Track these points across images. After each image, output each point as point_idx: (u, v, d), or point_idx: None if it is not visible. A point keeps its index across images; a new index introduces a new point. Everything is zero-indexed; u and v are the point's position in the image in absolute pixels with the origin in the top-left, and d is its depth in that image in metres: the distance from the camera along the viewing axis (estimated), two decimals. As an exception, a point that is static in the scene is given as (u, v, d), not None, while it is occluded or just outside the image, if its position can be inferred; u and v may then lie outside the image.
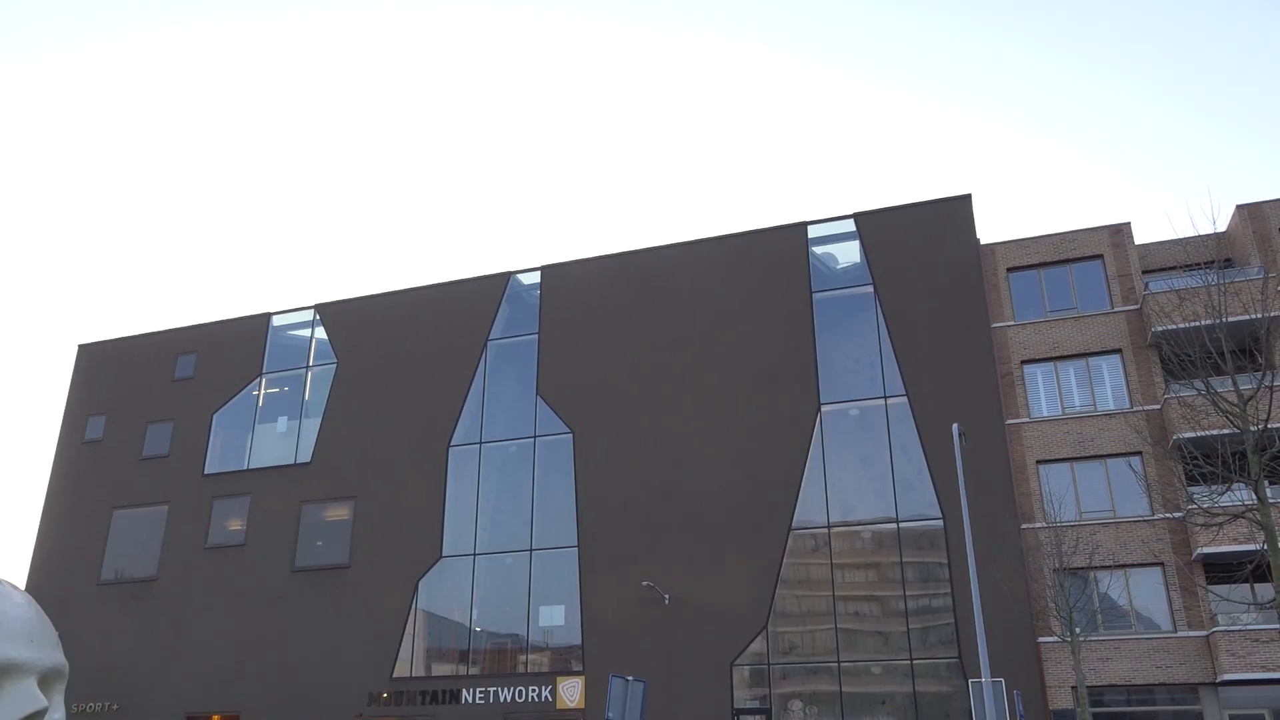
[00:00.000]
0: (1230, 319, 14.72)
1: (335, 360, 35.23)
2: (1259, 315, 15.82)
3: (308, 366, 35.65)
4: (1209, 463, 13.60)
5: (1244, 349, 18.55)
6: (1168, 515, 24.96)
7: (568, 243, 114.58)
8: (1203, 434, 22.17)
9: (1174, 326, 23.71)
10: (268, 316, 36.97)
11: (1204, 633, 23.95)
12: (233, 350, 36.83)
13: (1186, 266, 22.66)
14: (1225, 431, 18.19)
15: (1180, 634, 24.17)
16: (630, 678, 13.39)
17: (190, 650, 32.45)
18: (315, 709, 30.26)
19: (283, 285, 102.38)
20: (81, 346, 39.44)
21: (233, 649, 31.96)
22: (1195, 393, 16.60)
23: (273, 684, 30.98)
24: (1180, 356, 14.34)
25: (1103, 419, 26.55)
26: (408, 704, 29.46)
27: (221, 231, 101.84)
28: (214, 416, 35.97)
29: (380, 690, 29.88)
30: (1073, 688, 23.84)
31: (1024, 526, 25.81)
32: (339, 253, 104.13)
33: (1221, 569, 23.85)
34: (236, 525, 33.95)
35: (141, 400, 37.35)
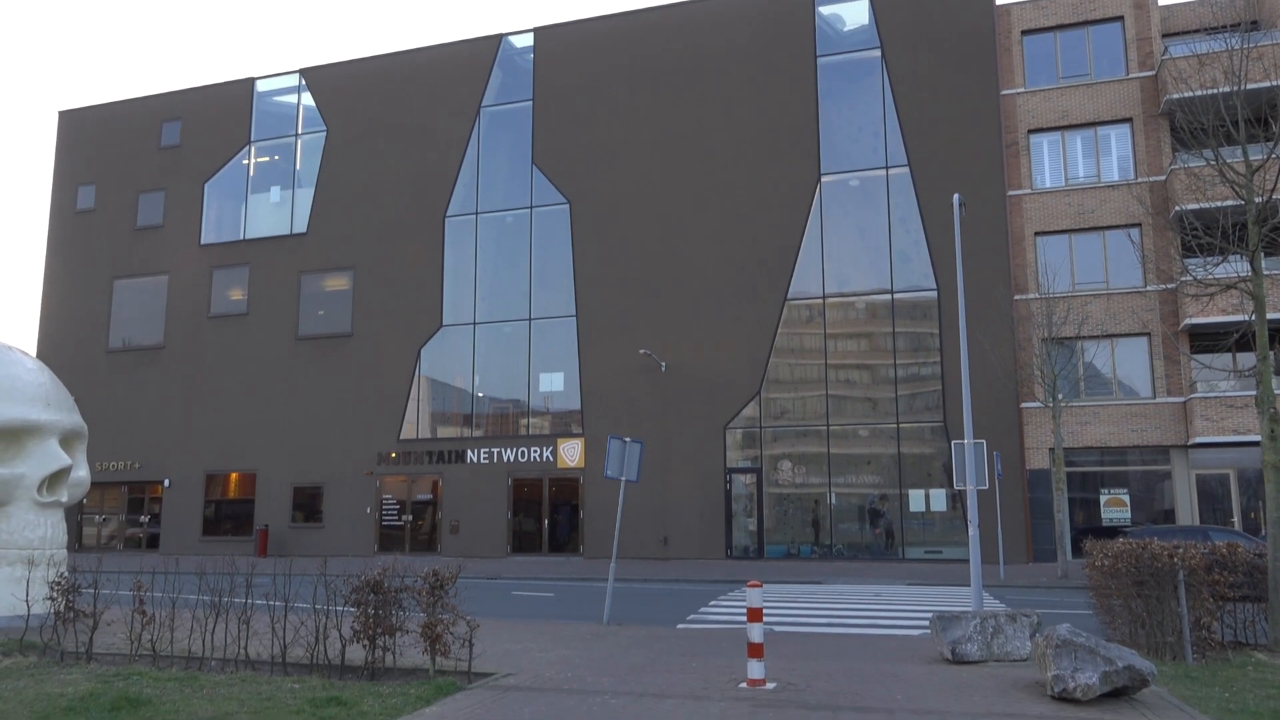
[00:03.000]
0: (1249, 86, 14.19)
1: (324, 128, 34.28)
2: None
3: (297, 135, 34.74)
4: (1208, 234, 13.54)
5: (1260, 118, 18.01)
6: (1160, 287, 25.26)
7: (563, 2, 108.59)
8: (1205, 205, 22.03)
9: (1189, 94, 22.95)
10: (251, 81, 35.61)
11: (1181, 399, 24.84)
12: (219, 117, 35.77)
13: (1210, 30, 21.62)
14: (1228, 203, 18.02)
15: (1159, 400, 25.07)
16: (628, 439, 13.96)
17: (203, 414, 33.69)
18: (328, 467, 31.83)
19: (265, 49, 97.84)
20: (62, 113, 38.21)
21: (244, 412, 33.17)
22: (1203, 163, 16.32)
23: (286, 445, 32.42)
24: (1192, 125, 13.93)
25: (1105, 190, 26.26)
26: (415, 463, 30.95)
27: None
28: (205, 186, 35.46)
29: (389, 450, 31.30)
30: (1050, 449, 25.00)
31: (1017, 297, 26.15)
32: (322, 14, 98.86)
33: (1206, 339, 24.40)
34: (238, 295, 34.29)
35: (130, 169, 36.68)
